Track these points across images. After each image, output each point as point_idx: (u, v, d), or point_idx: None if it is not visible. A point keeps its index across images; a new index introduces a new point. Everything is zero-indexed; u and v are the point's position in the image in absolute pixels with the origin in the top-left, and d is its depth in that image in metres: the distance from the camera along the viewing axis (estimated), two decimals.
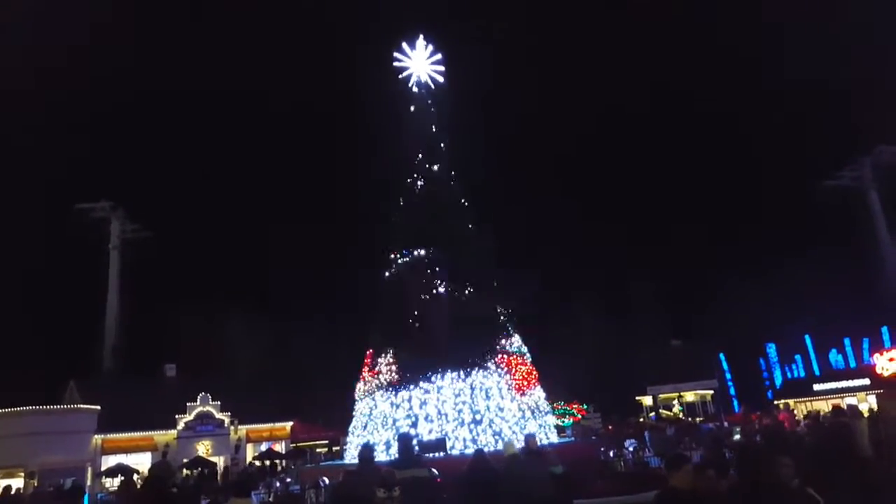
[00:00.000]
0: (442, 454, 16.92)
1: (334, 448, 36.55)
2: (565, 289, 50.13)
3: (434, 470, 9.15)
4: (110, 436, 36.52)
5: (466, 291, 20.94)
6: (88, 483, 31.81)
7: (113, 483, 30.81)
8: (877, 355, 37.02)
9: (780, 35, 60.28)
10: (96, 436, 36.14)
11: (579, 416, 43.42)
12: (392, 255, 22.80)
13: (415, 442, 14.88)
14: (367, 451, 8.19)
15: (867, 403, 31.70)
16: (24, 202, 49.95)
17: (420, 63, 26.34)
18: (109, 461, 35.05)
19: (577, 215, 57.52)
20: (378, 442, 18.63)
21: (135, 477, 25.32)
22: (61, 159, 56.98)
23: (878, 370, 35.74)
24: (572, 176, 68.09)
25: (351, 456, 20.70)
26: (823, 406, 31.93)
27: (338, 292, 49.69)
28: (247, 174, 72.05)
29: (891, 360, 35.73)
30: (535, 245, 50.94)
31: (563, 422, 39.89)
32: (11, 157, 50.22)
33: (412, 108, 25.78)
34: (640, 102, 71.37)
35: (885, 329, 40.84)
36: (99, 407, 36.26)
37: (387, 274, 22.73)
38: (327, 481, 15.71)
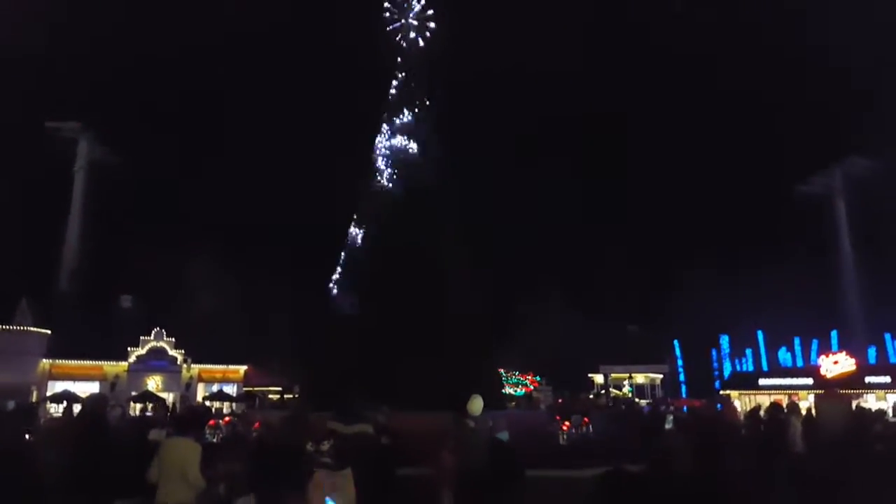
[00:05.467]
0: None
1: (286, 396, 36.60)
2: (530, 265, 50.42)
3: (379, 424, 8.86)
4: (59, 362, 36.09)
5: None
6: None
7: (57, 409, 30.46)
8: (823, 357, 38.31)
9: (770, 38, 60.29)
10: (45, 360, 35.66)
11: (531, 388, 44.17)
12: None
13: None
14: (295, 402, 8.07)
15: (807, 402, 32.75)
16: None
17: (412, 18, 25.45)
18: (56, 387, 34.70)
19: (549, 195, 57.25)
20: None
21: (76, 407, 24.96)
22: (44, 77, 54.01)
23: (823, 371, 37.02)
24: (539, 155, 67.09)
25: None
26: (766, 401, 32.94)
27: (304, 241, 48.79)
28: (226, 113, 69.69)
29: (835, 363, 37.03)
30: (502, 219, 50.62)
31: (515, 391, 40.59)
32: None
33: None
34: (622, 96, 70.27)
35: (834, 333, 42.24)
36: (49, 331, 35.69)
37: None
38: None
